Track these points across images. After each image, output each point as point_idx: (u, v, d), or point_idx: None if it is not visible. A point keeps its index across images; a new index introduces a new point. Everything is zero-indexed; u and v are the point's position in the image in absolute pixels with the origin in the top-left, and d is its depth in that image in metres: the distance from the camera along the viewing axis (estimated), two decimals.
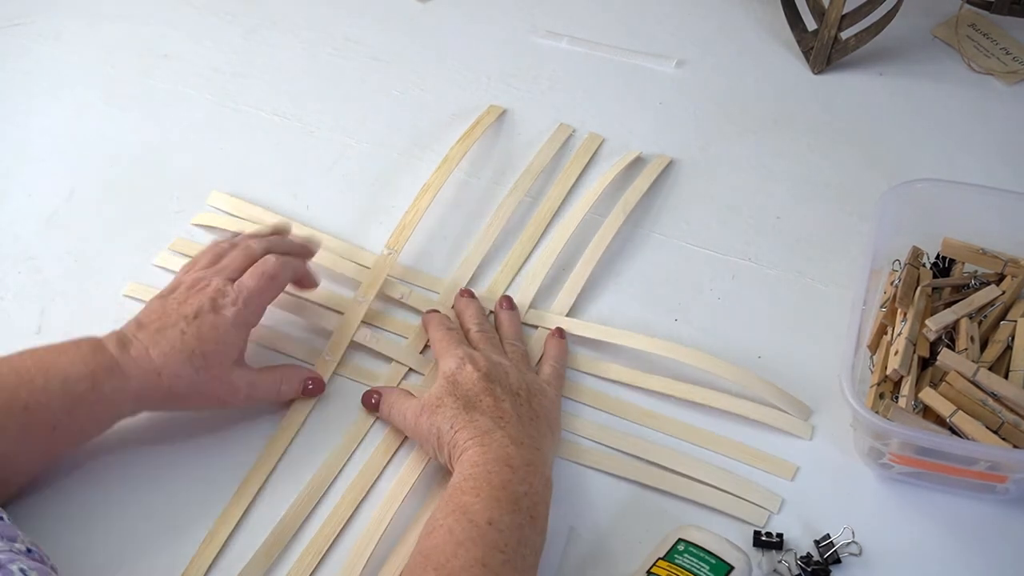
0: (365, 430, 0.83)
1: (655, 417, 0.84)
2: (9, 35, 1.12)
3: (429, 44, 1.11)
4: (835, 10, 1.04)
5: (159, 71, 1.08)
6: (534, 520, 0.71)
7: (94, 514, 0.78)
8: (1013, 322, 0.82)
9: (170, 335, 0.76)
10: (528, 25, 1.13)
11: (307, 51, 1.11)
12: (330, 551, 0.76)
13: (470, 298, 0.89)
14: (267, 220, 0.95)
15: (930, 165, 0.99)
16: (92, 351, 0.75)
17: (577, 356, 0.87)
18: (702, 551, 0.72)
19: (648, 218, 0.96)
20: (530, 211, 0.96)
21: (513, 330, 0.87)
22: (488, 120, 1.02)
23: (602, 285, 0.92)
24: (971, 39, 1.09)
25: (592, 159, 1.00)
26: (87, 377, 0.74)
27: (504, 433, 0.75)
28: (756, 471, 0.80)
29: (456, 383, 0.79)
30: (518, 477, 0.72)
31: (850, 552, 0.76)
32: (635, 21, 1.13)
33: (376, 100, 1.06)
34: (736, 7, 1.14)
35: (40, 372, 0.73)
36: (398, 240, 0.92)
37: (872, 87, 1.06)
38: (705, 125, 1.04)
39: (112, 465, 0.81)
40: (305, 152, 1.02)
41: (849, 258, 0.92)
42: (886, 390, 0.80)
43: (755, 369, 0.85)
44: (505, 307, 0.89)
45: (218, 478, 0.80)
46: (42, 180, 0.99)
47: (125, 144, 1.02)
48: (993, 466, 0.74)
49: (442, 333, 0.85)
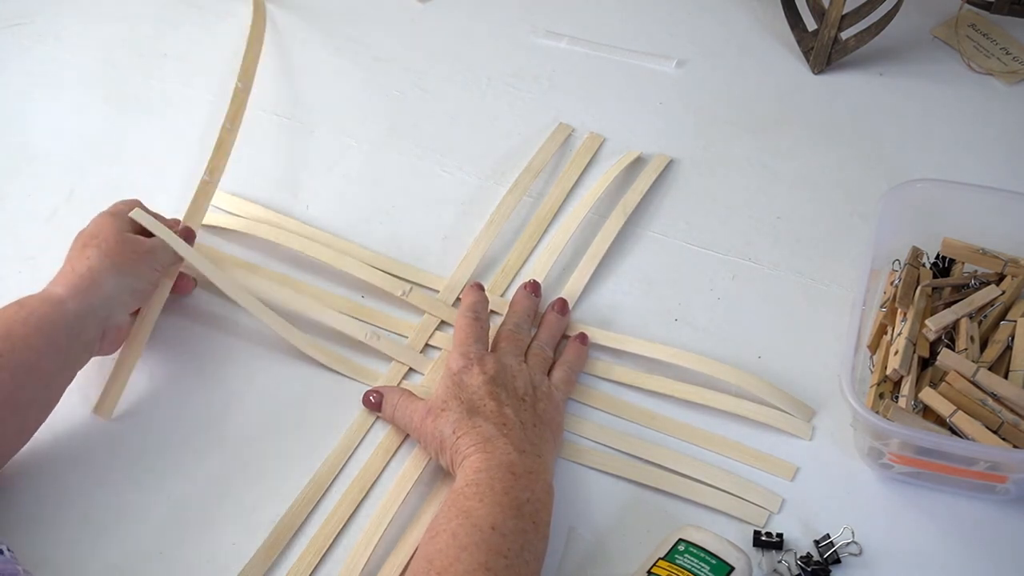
0: (365, 430, 0.83)
1: (655, 417, 0.84)
2: (9, 35, 1.12)
3: (429, 44, 1.11)
4: (835, 10, 1.04)
5: (159, 71, 1.08)
6: (536, 526, 0.71)
7: (92, 517, 0.78)
8: (1013, 322, 0.82)
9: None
10: (528, 25, 1.13)
11: (307, 51, 1.11)
12: (330, 550, 0.76)
13: (531, 294, 0.88)
14: (268, 219, 0.95)
15: (930, 165, 0.99)
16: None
17: None
18: (702, 551, 0.72)
19: (648, 218, 0.96)
20: (531, 211, 0.96)
21: (548, 335, 0.86)
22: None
23: (602, 285, 0.92)
24: (971, 39, 1.09)
25: (592, 159, 1.00)
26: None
27: (507, 440, 0.75)
28: (756, 471, 0.80)
29: (461, 384, 0.79)
30: (520, 484, 0.72)
31: (850, 552, 0.76)
32: (635, 21, 1.13)
33: (376, 100, 1.06)
34: (736, 7, 1.14)
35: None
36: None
37: (872, 87, 1.06)
38: (705, 125, 1.04)
39: (112, 465, 0.81)
40: (305, 152, 1.02)
41: (849, 258, 0.92)
42: (886, 390, 0.80)
43: (755, 369, 0.85)
44: (556, 310, 0.88)
45: (218, 478, 0.80)
46: (42, 180, 0.99)
47: (125, 144, 1.02)
48: (993, 466, 0.74)
49: (467, 321, 0.84)
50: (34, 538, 0.77)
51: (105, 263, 0.81)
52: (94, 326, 0.79)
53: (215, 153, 0.94)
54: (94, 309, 0.79)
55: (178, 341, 0.88)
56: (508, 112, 1.05)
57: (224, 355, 0.87)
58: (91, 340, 0.80)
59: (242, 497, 0.79)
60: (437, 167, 1.00)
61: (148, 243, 0.84)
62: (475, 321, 0.84)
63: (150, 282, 0.84)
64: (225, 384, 0.85)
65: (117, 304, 0.81)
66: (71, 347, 0.78)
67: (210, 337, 0.88)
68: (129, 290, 0.82)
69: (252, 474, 0.80)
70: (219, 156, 0.94)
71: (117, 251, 0.82)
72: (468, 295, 0.87)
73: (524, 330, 0.86)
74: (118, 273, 0.81)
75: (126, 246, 0.82)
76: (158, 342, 0.87)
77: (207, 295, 0.90)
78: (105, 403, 0.83)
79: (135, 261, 0.82)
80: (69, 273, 0.80)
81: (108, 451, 0.81)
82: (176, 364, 0.87)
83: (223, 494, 0.79)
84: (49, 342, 0.77)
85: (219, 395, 0.85)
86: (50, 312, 0.77)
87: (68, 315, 0.78)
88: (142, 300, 0.84)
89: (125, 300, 0.82)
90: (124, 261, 0.81)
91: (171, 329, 0.88)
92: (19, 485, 0.79)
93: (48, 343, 0.77)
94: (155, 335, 0.87)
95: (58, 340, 0.77)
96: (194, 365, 0.86)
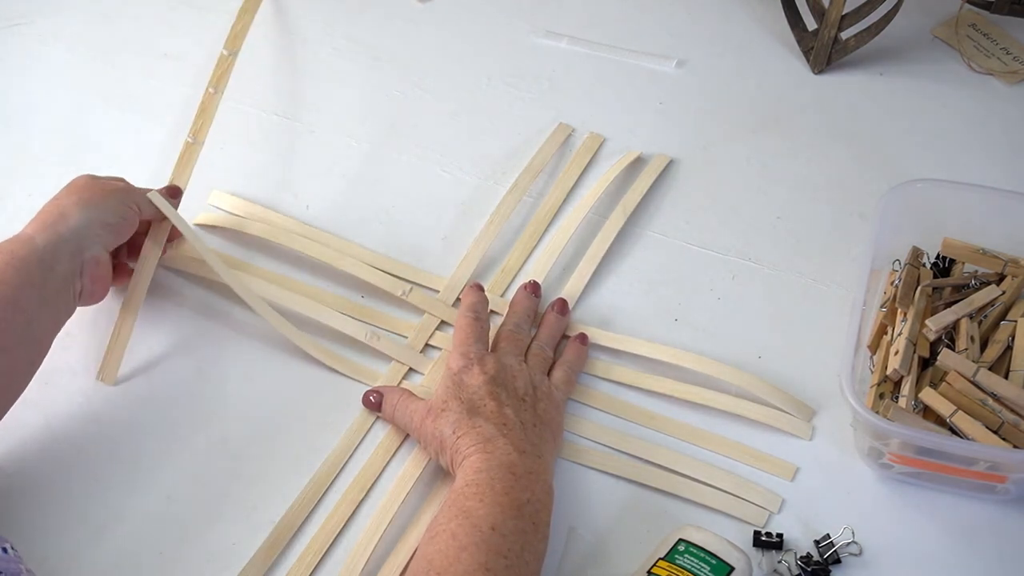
0: (365, 430, 0.83)
1: (655, 417, 0.84)
2: (9, 35, 1.12)
3: (429, 44, 1.11)
4: (835, 10, 1.04)
5: (159, 71, 1.08)
6: (536, 527, 0.71)
7: (92, 517, 0.78)
8: (1013, 322, 0.82)
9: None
10: (528, 25, 1.12)
11: (307, 51, 1.10)
12: (330, 550, 0.77)
13: (531, 294, 0.88)
14: (268, 219, 0.95)
15: (930, 165, 0.99)
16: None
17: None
18: (702, 551, 0.72)
19: (648, 218, 0.96)
20: (531, 211, 0.96)
21: (548, 335, 0.86)
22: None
23: (602, 285, 0.92)
24: (971, 39, 1.09)
25: (592, 159, 1.00)
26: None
27: (507, 440, 0.75)
28: (756, 471, 0.80)
29: (461, 384, 0.79)
30: (521, 485, 0.72)
31: (850, 552, 0.76)
32: (635, 21, 1.13)
33: (376, 100, 1.06)
34: (736, 7, 1.14)
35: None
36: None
37: (872, 87, 1.06)
38: (705, 125, 1.04)
39: (112, 465, 0.81)
40: (305, 152, 1.02)
41: (849, 258, 0.92)
42: (886, 390, 0.80)
43: (755, 369, 0.85)
44: (556, 310, 0.88)
45: (218, 478, 0.80)
46: (42, 180, 0.99)
47: (125, 144, 1.02)
48: (993, 466, 0.74)
49: (467, 321, 0.84)
50: (34, 538, 0.77)
51: (72, 199, 0.82)
52: (67, 258, 0.80)
53: (199, 115, 0.97)
54: (64, 240, 0.80)
55: (178, 341, 0.88)
56: (508, 112, 1.05)
57: (224, 355, 0.87)
58: (68, 273, 0.80)
59: (242, 497, 0.79)
60: (437, 167, 1.00)
61: (121, 183, 0.86)
62: (475, 321, 0.84)
63: (122, 217, 0.84)
64: (225, 384, 0.85)
65: (88, 236, 0.81)
66: (47, 280, 0.78)
67: (210, 337, 0.88)
68: (99, 222, 0.82)
69: (252, 474, 0.80)
70: (203, 118, 0.97)
71: (84, 187, 0.83)
72: (468, 295, 0.87)
73: (524, 330, 0.86)
74: (85, 207, 0.82)
75: (95, 183, 0.84)
76: (157, 342, 0.87)
77: (208, 293, 0.90)
78: (107, 368, 0.85)
79: (104, 196, 0.83)
80: (37, 216, 0.82)
81: (108, 451, 0.81)
82: (176, 365, 0.87)
83: (223, 494, 0.79)
84: (22, 276, 0.77)
85: (219, 395, 0.85)
86: (18, 248, 0.78)
87: (38, 249, 0.79)
88: (117, 236, 0.84)
89: (96, 232, 0.82)
90: (92, 196, 0.83)
91: (171, 329, 0.88)
92: (19, 485, 0.79)
93: (21, 277, 0.77)
94: (155, 335, 0.87)
95: (31, 273, 0.78)
96: (194, 365, 0.87)
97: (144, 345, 0.87)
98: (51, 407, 0.84)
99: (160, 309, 0.89)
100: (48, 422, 0.83)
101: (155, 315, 0.89)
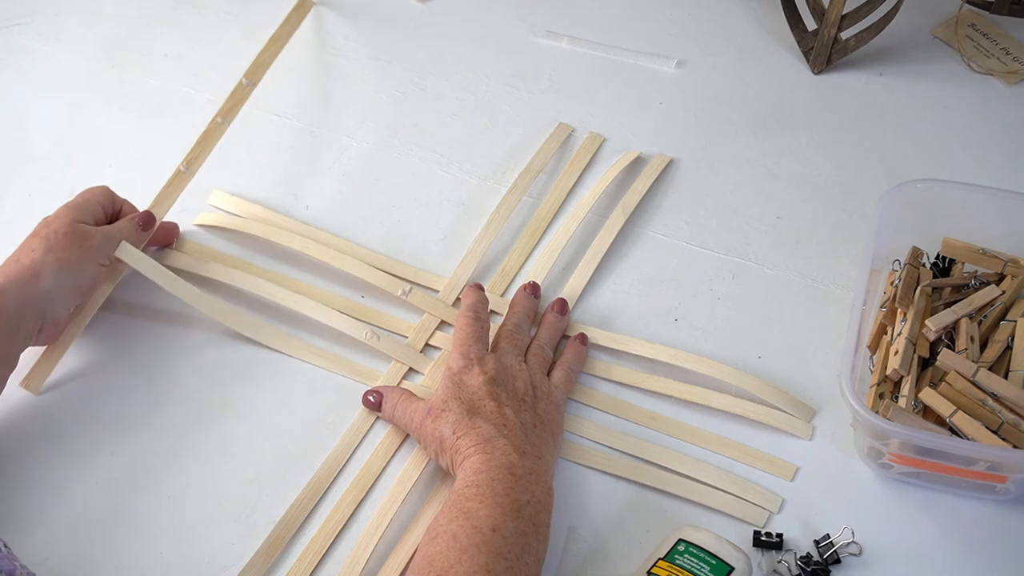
0: (365, 430, 0.83)
1: (655, 418, 0.84)
2: (9, 35, 1.12)
3: (429, 44, 1.11)
4: (835, 10, 1.04)
5: (159, 71, 1.08)
6: (537, 528, 0.71)
7: (93, 515, 0.78)
8: (1013, 322, 0.82)
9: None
10: (528, 25, 1.13)
11: (307, 51, 1.10)
12: (330, 551, 0.77)
13: (530, 295, 0.88)
14: (268, 219, 0.95)
15: (930, 165, 0.99)
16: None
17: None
18: (702, 551, 0.72)
19: (648, 218, 0.96)
20: (531, 211, 0.96)
21: (548, 335, 0.86)
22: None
23: (602, 285, 0.92)
24: (971, 39, 1.09)
25: (592, 159, 1.00)
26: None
27: (507, 441, 0.75)
28: (756, 471, 0.80)
29: (461, 384, 0.79)
30: (521, 486, 0.72)
31: (850, 552, 0.76)
32: (635, 21, 1.13)
33: (376, 100, 1.06)
34: (736, 7, 1.14)
35: None
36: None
37: (872, 87, 1.06)
38: (705, 125, 1.04)
39: (112, 465, 0.81)
40: (305, 152, 1.02)
41: (849, 258, 0.92)
42: (886, 390, 0.80)
43: (755, 369, 0.85)
44: (556, 310, 0.88)
45: (218, 478, 0.80)
46: (42, 180, 0.99)
47: (125, 144, 1.02)
48: (993, 466, 0.74)
49: (467, 321, 0.84)
50: (34, 538, 0.77)
51: (49, 257, 0.81)
52: (31, 318, 0.80)
53: (198, 144, 0.95)
54: (33, 302, 0.80)
55: (177, 343, 0.88)
56: (508, 112, 1.05)
57: (224, 356, 0.87)
58: (28, 333, 0.80)
59: (242, 497, 0.79)
60: (437, 167, 1.00)
61: (96, 237, 0.84)
62: (475, 321, 0.84)
63: (93, 277, 0.85)
64: (225, 385, 0.85)
65: (57, 299, 0.82)
66: (12, 338, 0.79)
67: (208, 339, 0.88)
68: (70, 286, 0.83)
69: (252, 474, 0.80)
70: (201, 149, 0.95)
71: (63, 245, 0.82)
72: (468, 295, 0.87)
73: (524, 330, 0.86)
74: (60, 271, 0.81)
75: (73, 240, 0.83)
76: (158, 343, 0.87)
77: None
78: (34, 378, 0.84)
79: (80, 256, 0.83)
80: (14, 264, 0.82)
81: (108, 452, 0.81)
82: (175, 365, 0.87)
83: (223, 494, 0.79)
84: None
85: (219, 396, 0.85)
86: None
87: (9, 307, 0.79)
88: (83, 296, 0.85)
89: (66, 296, 0.83)
90: (68, 257, 0.82)
91: (170, 330, 0.88)
92: (19, 485, 0.79)
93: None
94: (155, 335, 0.87)
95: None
96: (193, 366, 0.87)
97: (144, 345, 0.87)
98: (48, 405, 0.84)
99: (164, 309, 0.89)
100: (46, 421, 0.83)
101: (161, 315, 0.89)
